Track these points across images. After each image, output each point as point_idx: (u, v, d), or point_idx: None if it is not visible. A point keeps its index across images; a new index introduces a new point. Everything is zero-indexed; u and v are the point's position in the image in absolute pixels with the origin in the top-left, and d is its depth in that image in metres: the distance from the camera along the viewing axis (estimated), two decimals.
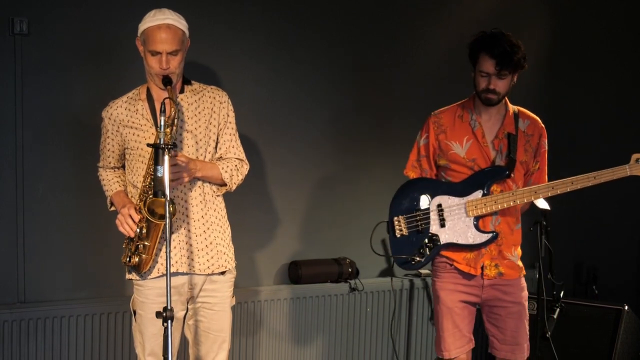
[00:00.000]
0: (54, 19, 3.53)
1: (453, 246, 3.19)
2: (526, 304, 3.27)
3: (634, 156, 3.03)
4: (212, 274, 2.98)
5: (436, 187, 3.24)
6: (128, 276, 2.97)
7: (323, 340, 4.22)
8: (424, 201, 3.22)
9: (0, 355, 3.40)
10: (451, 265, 3.22)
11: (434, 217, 3.20)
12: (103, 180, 3.10)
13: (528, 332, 3.28)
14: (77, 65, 3.59)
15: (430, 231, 3.20)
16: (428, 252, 3.19)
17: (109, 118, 2.97)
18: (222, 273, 3.01)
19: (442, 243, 3.19)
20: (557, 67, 5.07)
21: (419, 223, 3.21)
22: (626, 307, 4.17)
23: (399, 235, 3.24)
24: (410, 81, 4.58)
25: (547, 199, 3.24)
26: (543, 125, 3.28)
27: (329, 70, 4.30)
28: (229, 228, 3.08)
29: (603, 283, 5.00)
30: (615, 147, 3.10)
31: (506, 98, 3.24)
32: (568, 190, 3.09)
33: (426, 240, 3.20)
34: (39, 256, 3.56)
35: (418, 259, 3.20)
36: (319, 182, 4.31)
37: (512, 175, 3.17)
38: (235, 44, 3.99)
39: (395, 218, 3.25)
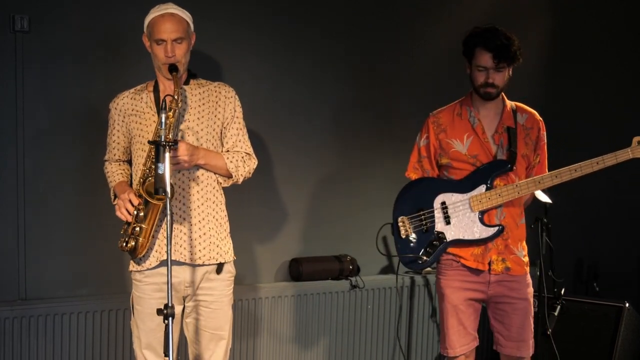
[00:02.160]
0: (55, 17, 3.54)
1: (460, 242, 3.19)
2: (532, 300, 3.26)
3: (635, 139, 3.06)
4: (204, 265, 2.94)
5: (439, 186, 3.24)
6: (130, 268, 2.97)
7: (324, 338, 4.21)
8: (427, 200, 3.22)
9: (1, 352, 3.40)
10: (457, 262, 3.21)
11: (438, 215, 3.21)
12: (108, 172, 3.11)
13: (533, 329, 3.28)
14: (78, 63, 3.60)
15: (436, 229, 3.21)
16: (435, 251, 3.20)
17: (115, 108, 3.01)
18: (218, 270, 2.99)
19: (448, 240, 3.19)
20: (557, 67, 5.07)
21: (424, 222, 3.22)
22: (627, 304, 4.16)
23: (404, 236, 3.24)
24: (410, 80, 4.59)
25: (550, 195, 3.21)
26: (541, 119, 3.30)
27: (330, 68, 4.31)
28: (227, 223, 3.06)
29: (604, 280, 4.99)
30: (615, 147, 3.10)
31: (503, 94, 3.25)
32: (572, 177, 3.09)
33: (432, 239, 3.20)
34: (39, 254, 3.56)
35: (425, 257, 3.20)
36: (320, 179, 4.31)
37: (514, 168, 3.17)
38: (236, 42, 4.00)
39: (400, 219, 3.25)
